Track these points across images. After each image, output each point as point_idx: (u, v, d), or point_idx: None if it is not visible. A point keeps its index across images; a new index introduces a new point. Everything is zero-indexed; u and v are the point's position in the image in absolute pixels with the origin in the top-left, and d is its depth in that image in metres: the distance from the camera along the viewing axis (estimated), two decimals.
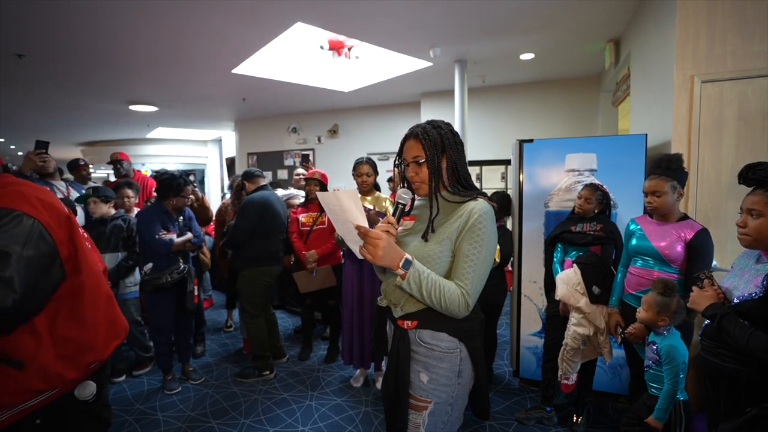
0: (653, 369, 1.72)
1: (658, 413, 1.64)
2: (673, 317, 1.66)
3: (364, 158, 2.85)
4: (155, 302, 2.76)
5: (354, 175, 2.84)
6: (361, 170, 2.79)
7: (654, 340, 1.72)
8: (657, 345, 1.70)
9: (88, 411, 1.21)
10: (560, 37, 3.70)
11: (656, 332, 1.71)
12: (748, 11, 2.13)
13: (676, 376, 1.61)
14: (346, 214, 1.17)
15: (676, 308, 1.66)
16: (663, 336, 1.69)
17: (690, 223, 1.86)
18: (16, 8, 2.83)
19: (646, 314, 1.71)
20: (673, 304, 1.66)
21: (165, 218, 2.76)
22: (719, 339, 1.35)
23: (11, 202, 1.02)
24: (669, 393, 1.63)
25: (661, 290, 1.68)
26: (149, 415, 2.57)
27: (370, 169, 2.80)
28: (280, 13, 3.06)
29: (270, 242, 2.97)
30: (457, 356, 1.21)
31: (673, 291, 1.67)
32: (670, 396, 1.63)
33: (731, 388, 1.34)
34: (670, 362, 1.63)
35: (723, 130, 2.19)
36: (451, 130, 1.26)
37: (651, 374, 1.74)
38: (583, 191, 2.33)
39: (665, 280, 1.72)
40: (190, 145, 10.38)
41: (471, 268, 1.15)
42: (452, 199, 1.24)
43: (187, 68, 4.36)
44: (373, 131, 6.63)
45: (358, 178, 2.81)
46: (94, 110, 6.39)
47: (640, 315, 1.74)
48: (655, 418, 1.64)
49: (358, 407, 2.63)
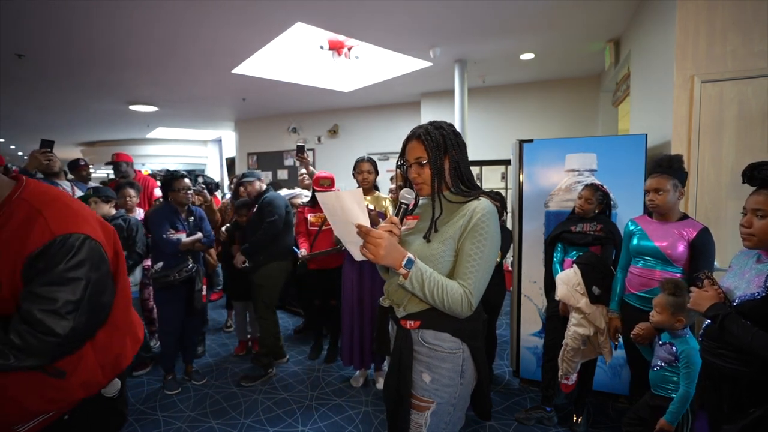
0: (664, 369, 1.70)
1: (671, 416, 1.62)
2: (689, 316, 1.64)
3: (365, 156, 2.90)
4: (163, 300, 2.80)
5: (354, 173, 2.87)
6: (362, 168, 2.82)
7: (671, 341, 1.69)
8: (676, 347, 1.67)
9: (112, 407, 1.21)
10: (560, 37, 3.70)
11: (674, 334, 1.68)
12: (748, 11, 2.13)
13: (693, 381, 1.59)
14: (347, 214, 1.16)
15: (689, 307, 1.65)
16: (681, 339, 1.66)
17: (691, 222, 1.86)
18: (16, 8, 2.83)
19: (660, 317, 1.68)
20: (687, 302, 1.62)
21: (173, 218, 2.79)
22: (720, 339, 1.35)
23: (74, 224, 1.01)
24: (684, 396, 1.61)
25: (672, 291, 1.66)
26: (149, 415, 2.57)
27: (371, 168, 2.84)
28: (280, 13, 3.06)
29: (287, 238, 3.07)
30: (460, 356, 1.21)
31: (684, 290, 1.64)
32: (684, 399, 1.61)
33: (733, 388, 1.34)
34: (689, 366, 1.61)
35: (723, 130, 2.19)
36: (454, 130, 1.26)
37: (659, 374, 1.72)
38: (583, 191, 2.33)
39: (674, 280, 1.70)
40: (190, 145, 10.39)
41: (474, 267, 1.15)
42: (455, 199, 1.24)
43: (187, 68, 4.36)
44: (373, 131, 6.63)
45: (359, 176, 2.83)
46: (94, 110, 6.39)
47: (654, 318, 1.71)
48: (668, 420, 1.62)
49: (358, 407, 2.63)
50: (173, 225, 2.77)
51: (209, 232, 3.00)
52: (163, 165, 10.22)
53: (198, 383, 2.96)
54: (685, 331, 1.67)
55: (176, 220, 2.80)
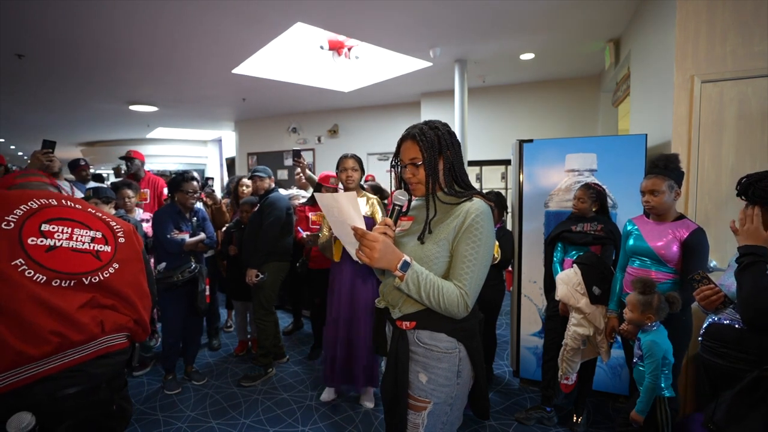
0: (639, 365, 1.75)
1: (639, 406, 1.69)
2: (657, 313, 1.70)
3: (349, 153, 2.62)
4: (167, 301, 2.81)
5: (338, 171, 2.59)
6: (345, 165, 2.52)
7: (639, 336, 1.76)
8: (641, 341, 1.73)
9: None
10: (560, 37, 3.69)
11: (644, 330, 1.74)
12: (748, 11, 2.13)
13: (656, 370, 1.65)
14: (343, 216, 1.17)
15: (658, 304, 1.69)
16: (646, 332, 1.73)
17: (686, 223, 1.86)
18: (16, 8, 2.83)
19: (632, 314, 1.75)
20: (654, 300, 1.70)
21: (178, 218, 2.82)
22: (721, 339, 1.34)
23: None
24: (649, 387, 1.67)
25: (640, 289, 1.73)
26: (149, 415, 2.57)
27: (356, 164, 2.54)
28: (280, 13, 3.06)
29: (288, 239, 3.06)
30: (456, 356, 1.21)
31: (652, 288, 1.71)
32: (650, 390, 1.67)
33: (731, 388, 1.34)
34: (650, 356, 1.67)
35: (723, 130, 2.19)
36: (449, 130, 1.26)
37: (637, 371, 1.77)
38: (576, 192, 2.35)
39: (643, 278, 1.76)
40: (190, 145, 10.39)
41: (469, 268, 1.15)
42: (448, 200, 1.24)
43: (187, 68, 4.36)
44: (373, 131, 6.63)
45: (343, 174, 2.53)
46: (94, 110, 6.40)
47: (627, 315, 1.79)
48: (637, 411, 1.69)
49: (358, 408, 2.63)
50: (177, 225, 2.80)
51: (212, 233, 3.02)
52: (163, 165, 10.23)
53: (198, 383, 2.96)
54: (653, 325, 1.72)
55: (180, 221, 2.83)
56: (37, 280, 1.13)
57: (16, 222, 1.17)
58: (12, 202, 1.22)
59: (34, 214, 1.21)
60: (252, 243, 2.91)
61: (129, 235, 1.41)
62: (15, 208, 1.20)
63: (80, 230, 1.27)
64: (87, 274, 1.22)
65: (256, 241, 2.89)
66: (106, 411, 1.23)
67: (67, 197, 1.36)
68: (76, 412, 1.15)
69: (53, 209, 1.27)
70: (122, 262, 1.32)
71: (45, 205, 1.25)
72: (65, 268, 1.19)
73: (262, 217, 2.91)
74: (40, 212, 1.22)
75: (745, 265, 1.28)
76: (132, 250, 1.39)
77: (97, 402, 1.20)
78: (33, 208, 1.21)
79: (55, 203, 1.28)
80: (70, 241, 1.23)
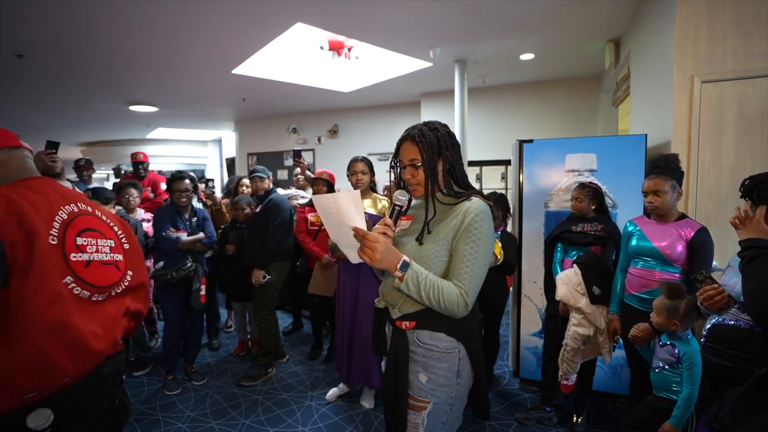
0: (666, 371, 1.68)
1: (676, 420, 1.59)
2: (684, 321, 1.62)
3: (359, 156, 2.70)
4: (164, 300, 2.85)
5: (348, 174, 2.67)
6: (355, 168, 2.61)
7: (672, 342, 1.67)
8: (678, 349, 1.64)
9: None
10: (560, 37, 3.69)
11: (675, 336, 1.66)
12: (748, 11, 2.13)
13: (696, 383, 1.57)
14: (343, 217, 1.16)
15: (685, 311, 1.61)
16: (683, 341, 1.64)
17: (689, 222, 1.85)
18: (16, 8, 2.83)
19: (657, 318, 1.68)
20: (681, 307, 1.61)
21: (176, 217, 2.85)
22: (726, 340, 1.33)
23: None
24: (688, 398, 1.58)
25: (667, 294, 1.64)
26: (149, 415, 2.57)
27: (366, 168, 2.62)
28: (280, 13, 3.06)
29: (288, 239, 3.07)
30: (456, 356, 1.21)
31: (680, 294, 1.62)
32: (688, 401, 1.58)
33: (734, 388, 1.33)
34: (692, 368, 1.58)
35: (723, 130, 2.19)
36: (448, 131, 1.26)
37: (660, 376, 1.70)
38: (573, 192, 2.35)
39: (671, 283, 1.68)
40: (190, 146, 10.37)
41: (468, 267, 1.16)
42: (447, 200, 1.24)
43: (187, 68, 4.36)
44: (373, 131, 6.63)
45: (353, 177, 2.62)
46: (94, 110, 6.39)
47: (653, 320, 1.71)
48: (673, 424, 1.60)
49: (358, 407, 2.63)
50: (174, 224, 2.82)
51: (212, 233, 3.02)
52: (163, 165, 10.22)
53: (198, 383, 2.96)
54: (686, 333, 1.66)
55: (178, 219, 2.84)
56: (83, 297, 1.16)
57: (57, 236, 1.15)
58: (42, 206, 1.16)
59: (69, 225, 1.20)
60: (256, 244, 2.91)
61: (130, 236, 1.42)
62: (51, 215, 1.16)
63: (102, 241, 1.28)
64: (113, 286, 1.26)
65: (261, 242, 2.88)
66: (110, 406, 1.27)
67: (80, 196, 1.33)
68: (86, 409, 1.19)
69: (81, 219, 1.25)
70: (133, 268, 1.36)
71: (73, 213, 1.23)
72: (101, 282, 1.22)
73: (267, 219, 2.90)
74: (73, 222, 1.22)
75: (750, 258, 1.27)
76: (136, 253, 1.41)
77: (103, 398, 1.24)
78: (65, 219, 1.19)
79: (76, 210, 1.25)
80: (98, 253, 1.25)
